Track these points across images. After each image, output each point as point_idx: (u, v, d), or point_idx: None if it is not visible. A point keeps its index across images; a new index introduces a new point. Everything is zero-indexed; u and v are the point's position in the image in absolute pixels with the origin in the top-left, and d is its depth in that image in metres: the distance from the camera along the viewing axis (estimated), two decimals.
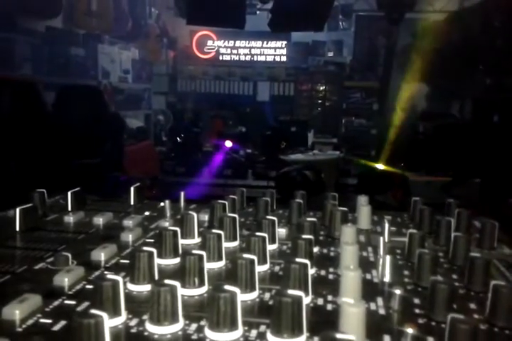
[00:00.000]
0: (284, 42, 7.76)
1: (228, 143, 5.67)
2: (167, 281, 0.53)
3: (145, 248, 0.63)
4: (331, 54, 7.95)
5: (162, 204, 1.04)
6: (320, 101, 7.82)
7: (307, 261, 0.60)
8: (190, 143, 5.98)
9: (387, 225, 0.83)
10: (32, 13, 4.54)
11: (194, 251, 0.62)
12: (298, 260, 0.61)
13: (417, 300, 0.62)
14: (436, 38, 5.97)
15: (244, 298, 0.60)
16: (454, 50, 5.63)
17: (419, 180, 4.88)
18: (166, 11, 7.06)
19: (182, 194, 1.05)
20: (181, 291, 0.61)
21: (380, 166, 5.37)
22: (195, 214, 0.80)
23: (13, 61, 4.36)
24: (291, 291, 0.51)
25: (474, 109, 5.55)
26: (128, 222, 0.90)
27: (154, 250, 0.63)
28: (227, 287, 0.52)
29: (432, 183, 4.83)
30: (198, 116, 7.60)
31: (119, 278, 0.54)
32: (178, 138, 6.13)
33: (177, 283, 0.53)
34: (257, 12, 7.16)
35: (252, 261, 0.61)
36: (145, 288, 0.62)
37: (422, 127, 5.80)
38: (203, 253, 0.62)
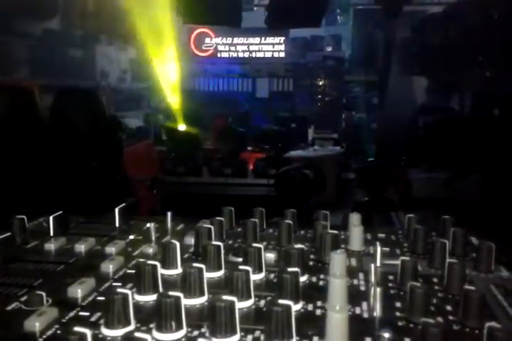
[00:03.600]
0: (282, 38, 7.70)
1: None
2: (138, 335, 0.50)
3: (120, 289, 0.60)
4: (329, 49, 7.89)
5: (148, 225, 1.01)
6: (319, 96, 7.77)
7: (290, 303, 0.57)
8: (191, 142, 5.94)
9: (379, 249, 0.79)
10: (28, 16, 4.50)
11: (171, 292, 0.59)
12: (281, 301, 0.57)
13: (407, 340, 0.58)
14: (435, 30, 5.91)
15: None
16: (454, 42, 5.57)
17: (420, 175, 4.83)
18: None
19: (169, 214, 1.01)
20: (157, 336, 0.58)
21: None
22: (177, 244, 0.77)
23: (10, 64, 4.33)
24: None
25: (475, 102, 5.49)
26: (110, 249, 0.87)
27: (129, 292, 0.60)
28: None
29: (432, 178, 4.79)
30: (197, 114, 7.55)
31: (87, 332, 0.50)
32: (178, 137, 6.09)
33: (148, 337, 0.50)
34: (254, 8, 7.10)
35: (232, 303, 0.58)
36: (120, 332, 0.58)
37: (422, 122, 5.75)
38: (181, 294, 0.59)
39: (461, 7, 5.77)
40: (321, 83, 7.69)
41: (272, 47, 7.82)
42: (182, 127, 6.30)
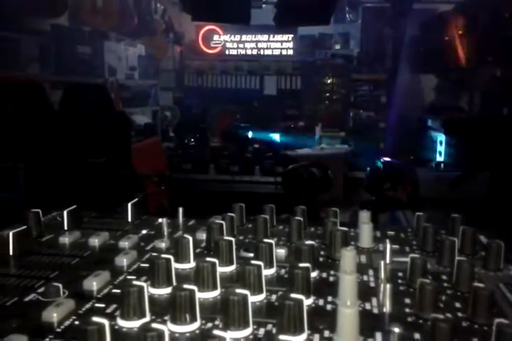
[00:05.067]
0: (291, 36, 7.70)
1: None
2: (155, 325, 0.51)
3: (135, 282, 0.61)
4: (338, 46, 7.88)
5: (160, 220, 1.02)
6: (327, 94, 7.75)
7: (302, 297, 0.58)
8: (198, 139, 5.97)
9: (388, 246, 0.80)
10: (37, 12, 4.53)
11: (185, 285, 0.60)
12: (293, 296, 0.58)
13: (417, 336, 0.60)
14: (444, 28, 5.89)
15: (234, 335, 0.58)
16: (463, 41, 5.55)
17: (428, 174, 4.83)
18: (172, 6, 7.03)
19: (180, 210, 1.03)
20: (172, 328, 0.59)
21: None
22: (190, 238, 0.78)
23: (20, 60, 4.37)
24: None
25: (483, 102, 5.47)
26: (124, 244, 0.89)
27: (144, 284, 0.61)
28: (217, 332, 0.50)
29: (440, 178, 4.79)
30: (205, 112, 7.58)
31: (105, 322, 0.52)
32: (186, 134, 6.11)
33: (165, 328, 0.51)
34: (263, 5, 7.09)
35: (245, 297, 0.59)
36: (135, 324, 0.60)
37: (431, 120, 5.74)
38: (195, 288, 0.60)
39: (471, 5, 5.74)
40: (329, 81, 7.67)
41: (281, 44, 7.82)
42: (191, 124, 6.32)
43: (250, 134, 5.99)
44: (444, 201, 3.88)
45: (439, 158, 5.27)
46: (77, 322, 0.61)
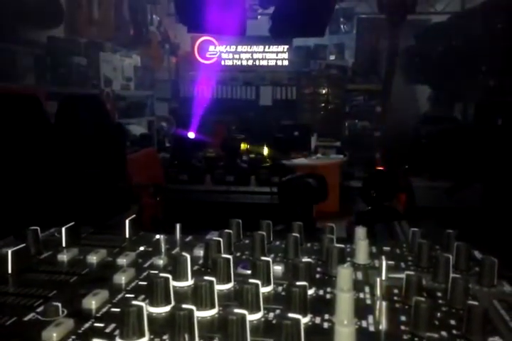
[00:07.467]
0: (286, 47, 7.76)
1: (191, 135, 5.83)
2: None
3: (134, 302, 0.62)
4: (332, 57, 7.95)
5: (157, 236, 1.03)
6: (323, 104, 7.80)
7: (299, 316, 0.59)
8: (193, 149, 5.98)
9: (384, 263, 0.81)
10: (33, 24, 4.55)
11: (184, 305, 0.61)
12: (291, 315, 0.59)
13: None
14: (438, 39, 5.95)
15: None
16: (457, 52, 5.60)
17: (422, 184, 4.85)
18: (167, 18, 7.08)
19: (178, 226, 1.03)
20: None
21: None
22: (188, 256, 0.79)
23: (16, 72, 4.38)
24: None
25: (477, 112, 5.51)
26: (122, 261, 0.89)
27: (144, 304, 0.62)
28: None
29: (435, 187, 4.81)
30: (200, 122, 7.60)
31: None
32: (181, 145, 6.11)
33: None
34: (258, 17, 7.16)
35: (243, 316, 0.60)
36: None
37: (425, 131, 5.77)
38: (193, 307, 0.61)
39: (464, 16, 5.81)
40: (324, 91, 7.73)
41: (276, 55, 7.88)
42: (185, 135, 6.34)
43: (246, 145, 6.01)
44: (438, 210, 3.90)
45: (434, 168, 5.29)
46: None
